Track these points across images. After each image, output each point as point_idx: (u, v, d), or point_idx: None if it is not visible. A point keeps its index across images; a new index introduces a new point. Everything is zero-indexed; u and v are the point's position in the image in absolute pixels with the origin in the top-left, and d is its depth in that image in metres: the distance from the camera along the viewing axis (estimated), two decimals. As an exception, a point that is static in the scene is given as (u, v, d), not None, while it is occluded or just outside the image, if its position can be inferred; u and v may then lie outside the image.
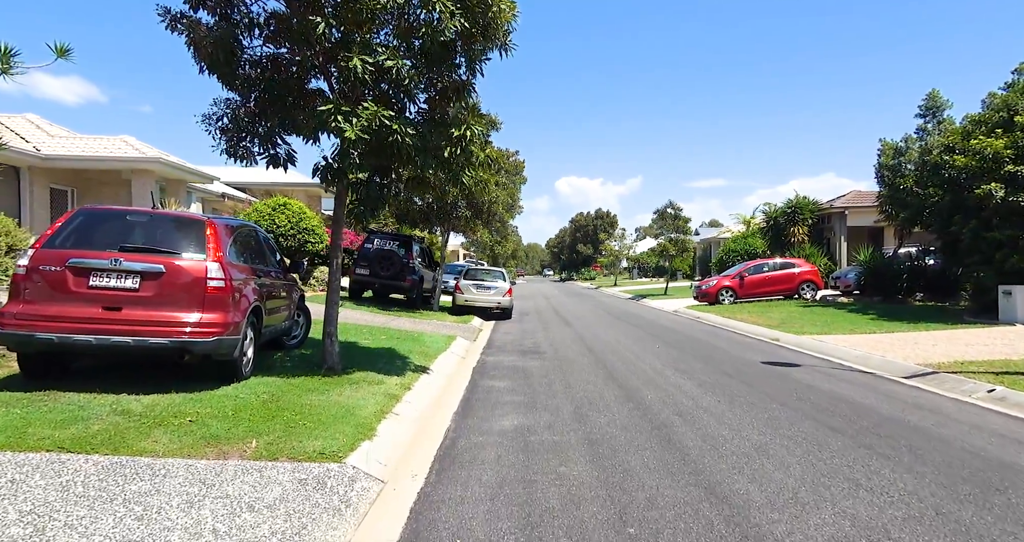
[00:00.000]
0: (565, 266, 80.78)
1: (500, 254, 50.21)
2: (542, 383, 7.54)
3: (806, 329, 12.74)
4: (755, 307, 18.72)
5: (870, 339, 10.99)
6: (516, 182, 37.30)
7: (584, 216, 75.80)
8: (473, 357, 10.03)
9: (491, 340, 12.40)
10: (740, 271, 21.00)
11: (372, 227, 22.74)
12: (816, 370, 8.44)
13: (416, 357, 8.67)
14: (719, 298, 20.73)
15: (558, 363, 9.13)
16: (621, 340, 11.99)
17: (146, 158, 13.73)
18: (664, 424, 5.47)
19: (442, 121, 6.54)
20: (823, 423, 5.48)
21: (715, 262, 31.58)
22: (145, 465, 3.69)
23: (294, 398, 5.41)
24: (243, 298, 5.76)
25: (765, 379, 7.70)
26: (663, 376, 7.92)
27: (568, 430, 5.31)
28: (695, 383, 7.40)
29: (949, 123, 15.36)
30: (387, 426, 5.09)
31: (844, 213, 24.41)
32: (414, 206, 16.52)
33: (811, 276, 20.48)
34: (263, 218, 16.33)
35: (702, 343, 11.54)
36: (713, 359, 9.44)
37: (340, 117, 5.57)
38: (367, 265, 16.39)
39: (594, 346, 11.09)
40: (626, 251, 47.60)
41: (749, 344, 11.49)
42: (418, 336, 11.14)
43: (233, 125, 5.88)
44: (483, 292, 17.05)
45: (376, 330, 11.20)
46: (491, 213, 17.46)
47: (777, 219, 25.39)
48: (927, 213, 14.47)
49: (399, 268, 16.29)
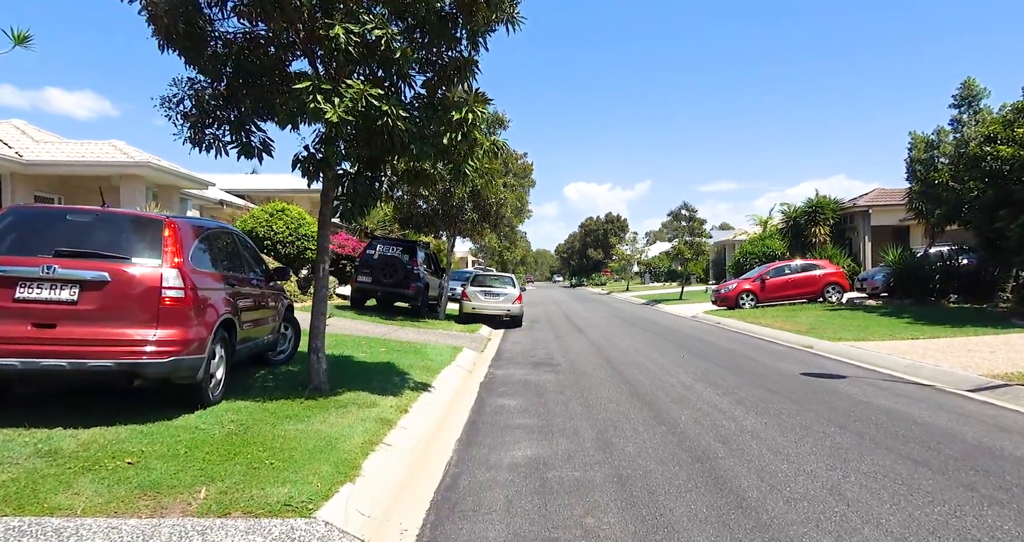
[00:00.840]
0: (575, 272, 79.76)
1: (509, 260, 49.37)
2: (557, 401, 6.67)
3: (840, 335, 11.76)
4: (779, 311, 17.72)
5: (915, 346, 10.01)
6: (525, 185, 36.57)
7: (594, 220, 74.82)
8: (481, 370, 9.18)
9: (500, 351, 11.54)
10: (761, 274, 20.01)
11: (377, 233, 22.01)
12: (865, 383, 7.49)
13: (417, 372, 7.82)
14: (739, 302, 19.75)
15: (574, 377, 8.25)
16: (640, 349, 11.08)
17: (135, 162, 13.06)
18: (706, 454, 4.57)
19: (441, 105, 5.74)
20: (900, 453, 4.55)
21: (731, 265, 30.55)
22: (53, 529, 2.86)
23: (266, 428, 4.57)
24: (209, 310, 4.95)
25: (811, 395, 6.77)
26: (694, 391, 7.01)
27: (592, 463, 4.43)
28: (732, 400, 6.49)
29: (987, 112, 14.37)
30: (376, 461, 4.24)
31: (868, 212, 23.36)
32: (418, 209, 15.74)
33: (836, 278, 19.44)
34: (260, 224, 15.60)
35: (729, 352, 10.61)
36: (746, 370, 8.51)
37: (320, 97, 4.77)
38: (369, 272, 15.60)
39: (612, 356, 10.19)
40: (638, 255, 46.53)
41: (781, 353, 10.53)
42: (421, 348, 10.30)
43: (198, 109, 5.09)
44: (491, 299, 16.21)
45: (375, 342, 10.38)
46: (499, 216, 16.63)
47: (797, 219, 24.37)
48: (966, 208, 13.45)
49: (403, 275, 15.48)
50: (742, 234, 36.19)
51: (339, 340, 10.06)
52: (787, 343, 11.83)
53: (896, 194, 24.34)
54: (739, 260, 28.70)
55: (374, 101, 4.93)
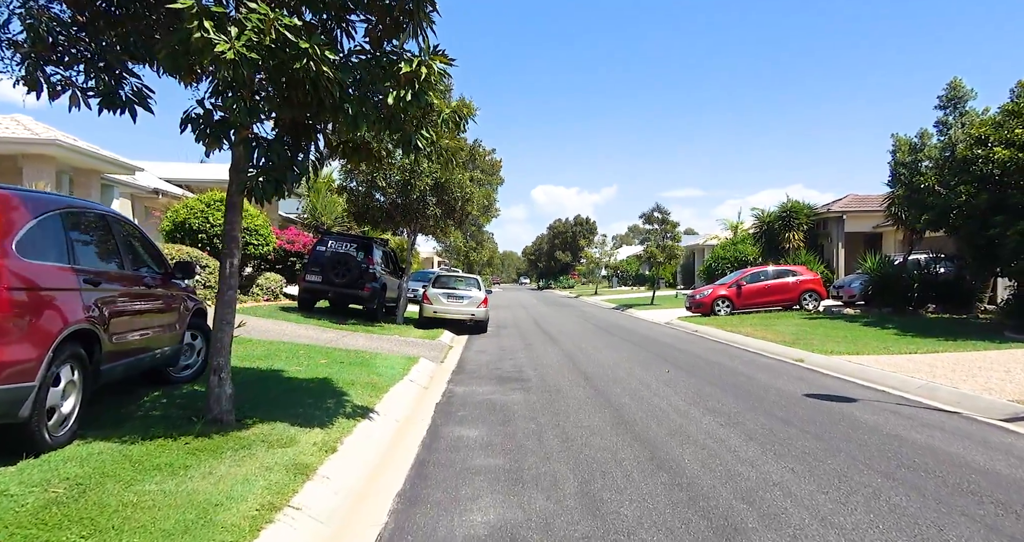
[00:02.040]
0: (542, 274, 78.87)
1: (475, 261, 48.02)
2: (529, 431, 5.43)
3: (829, 347, 10.89)
4: (756, 319, 16.92)
5: (916, 362, 9.16)
6: (493, 183, 35.22)
7: (563, 222, 74.09)
8: (438, 386, 7.87)
9: (463, 361, 10.25)
10: (737, 279, 19.25)
11: (335, 230, 20.38)
12: (881, 408, 6.49)
13: (359, 392, 6.47)
14: (714, 309, 18.93)
15: (547, 397, 7.03)
16: (620, 362, 9.94)
17: (39, 140, 11.26)
18: (731, 523, 3.40)
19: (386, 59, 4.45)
20: (984, 523, 3.47)
21: (702, 270, 29.98)
22: None
23: (115, 489, 3.19)
24: (48, 318, 3.54)
25: (829, 425, 5.71)
26: (691, 420, 5.87)
27: (579, 537, 3.21)
28: (741, 434, 5.36)
29: (974, 115, 13.82)
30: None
31: (842, 218, 22.96)
32: (374, 203, 14.29)
33: (814, 285, 18.83)
34: (194, 216, 13.91)
35: (717, 366, 9.57)
36: (743, 391, 7.44)
37: (210, 25, 3.41)
38: (319, 271, 14.09)
39: (589, 370, 9.02)
40: (608, 258, 45.83)
41: (772, 367, 9.55)
42: (370, 358, 8.93)
43: (33, 38, 3.65)
44: (455, 302, 14.88)
45: (317, 351, 8.95)
46: (465, 213, 15.33)
47: (771, 224, 23.82)
48: (954, 214, 12.81)
49: (357, 275, 14.03)
50: (712, 239, 35.78)
51: (273, 349, 8.61)
52: (775, 355, 10.89)
53: (870, 200, 24.05)
54: (711, 265, 28.12)
55: (289, 35, 3.60)
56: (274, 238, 15.67)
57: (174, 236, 13.94)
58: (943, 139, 14.43)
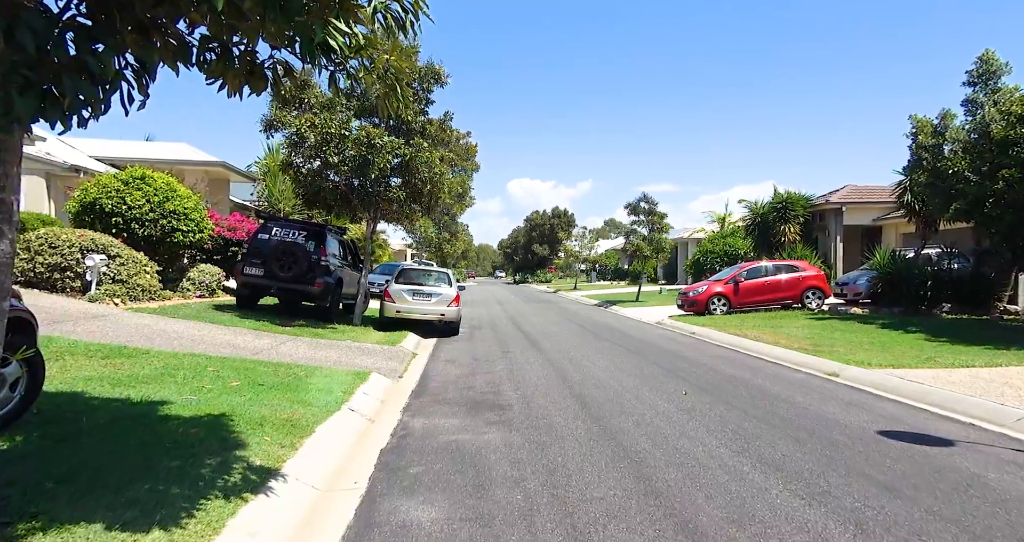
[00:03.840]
0: (519, 268, 76.91)
1: (449, 253, 45.80)
2: (513, 510, 3.52)
3: (860, 356, 9.22)
4: (758, 320, 15.29)
5: (984, 378, 7.51)
6: (468, 169, 33.03)
7: (540, 215, 72.10)
8: (389, 418, 5.91)
9: (427, 375, 8.28)
10: (734, 275, 17.61)
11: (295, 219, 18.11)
12: (999, 459, 4.75)
13: (269, 436, 4.48)
14: (709, 307, 17.27)
15: (536, 438, 5.12)
16: (621, 378, 8.09)
17: None
18: None
19: None
20: None
21: (688, 265, 28.46)
22: None
23: None
24: None
25: (952, 494, 3.92)
26: (750, 485, 4.02)
27: None
28: (832, 513, 3.53)
29: (1009, 91, 12.29)
30: None
31: (841, 210, 21.55)
32: (326, 183, 12.14)
33: (817, 282, 17.30)
34: (107, 195, 11.59)
35: (740, 384, 7.78)
36: (793, 425, 5.64)
37: None
38: (261, 263, 11.94)
39: (585, 391, 7.14)
40: (588, 251, 44.07)
41: (808, 385, 7.81)
42: (305, 376, 6.90)
43: None
44: (422, 300, 12.86)
45: (234, 367, 6.88)
46: (434, 196, 13.29)
47: (765, 216, 22.29)
48: (990, 203, 11.27)
49: (306, 267, 11.92)
50: (698, 232, 34.33)
51: (172, 366, 6.51)
52: (801, 367, 9.17)
53: (871, 191, 22.74)
54: (698, 259, 26.59)
55: None
56: (210, 223, 13.41)
57: (82, 219, 11.61)
58: (971, 119, 12.90)
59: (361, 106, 12.17)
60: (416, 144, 11.96)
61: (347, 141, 11.12)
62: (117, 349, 6.96)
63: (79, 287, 10.07)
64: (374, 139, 11.26)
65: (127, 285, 10.48)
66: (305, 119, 10.86)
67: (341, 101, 11.56)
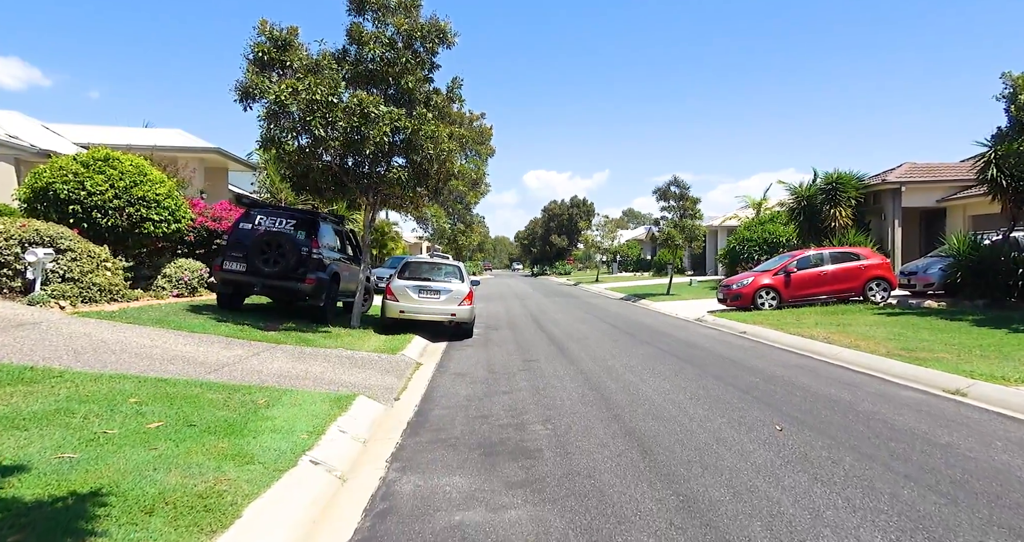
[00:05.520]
0: (537, 259, 74.90)
1: (464, 245, 43.99)
2: None
3: (982, 367, 7.24)
4: (817, 315, 13.27)
5: None
6: (482, 154, 31.14)
7: (558, 204, 69.85)
8: (368, 476, 4.14)
9: (429, 396, 6.50)
10: (784, 265, 15.53)
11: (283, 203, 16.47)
12: None
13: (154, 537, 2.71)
14: (756, 301, 15.24)
15: (583, 516, 3.31)
16: (685, 404, 6.20)
17: None
18: None
19: None
20: None
21: (722, 254, 26.30)
22: None
23: None
24: None
25: None
26: None
27: None
28: None
29: None
30: None
31: (900, 190, 19.25)
32: (316, 163, 10.36)
33: (882, 272, 15.14)
34: (62, 180, 9.96)
35: (849, 411, 5.87)
36: (970, 492, 3.74)
37: None
38: (243, 256, 10.27)
39: (641, 428, 5.27)
40: (610, 240, 41.94)
41: (940, 413, 5.86)
42: (262, 408, 5.15)
43: None
44: (429, 298, 11.07)
45: (168, 394, 5.13)
46: (442, 178, 11.47)
47: (812, 199, 20.07)
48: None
49: (295, 261, 10.23)
50: (731, 218, 32.07)
51: (84, 393, 4.81)
52: (904, 380, 7.20)
53: (932, 169, 20.39)
54: (734, 248, 24.45)
55: None
56: (188, 212, 11.76)
57: (34, 208, 10.02)
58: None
59: (355, 72, 10.36)
60: (419, 115, 10.13)
61: (336, 110, 9.32)
62: (18, 372, 5.29)
63: (19, 287, 8.47)
64: (368, 108, 9.45)
65: (80, 284, 8.87)
66: (286, 85, 9.08)
67: (331, 64, 9.75)
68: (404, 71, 10.31)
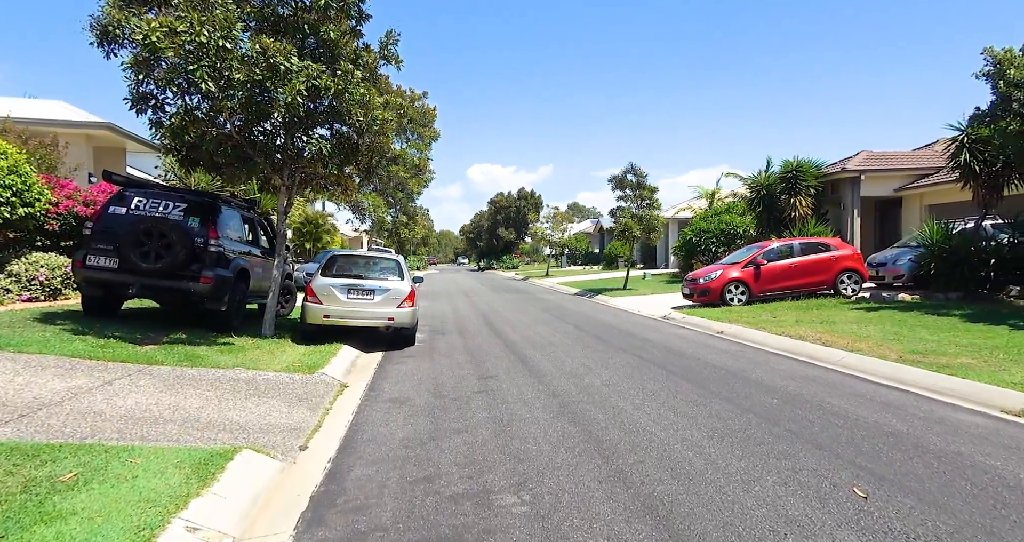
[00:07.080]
0: (483, 253, 72.97)
1: (408, 239, 41.54)
2: None
3: (1017, 375, 6.07)
4: (792, 311, 12.18)
5: None
6: (425, 137, 28.80)
7: (506, 197, 68.11)
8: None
9: (350, 444, 4.61)
10: (753, 257, 14.43)
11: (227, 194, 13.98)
12: None
13: None
14: (725, 297, 14.08)
15: None
16: (704, 445, 4.62)
17: None
18: None
19: None
20: None
21: (678, 245, 25.32)
22: None
23: None
24: None
25: None
26: None
27: None
28: None
29: None
30: None
31: (859, 179, 18.68)
32: (210, 130, 8.12)
33: (854, 263, 14.29)
34: None
35: (930, 454, 4.44)
36: None
37: None
38: (114, 249, 8.01)
39: (659, 493, 3.62)
40: (560, 233, 40.60)
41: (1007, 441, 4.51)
42: (59, 494, 3.10)
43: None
44: (361, 300, 9.08)
45: None
46: (375, 153, 9.50)
47: (771, 189, 19.25)
48: None
49: (184, 255, 8.05)
50: (685, 210, 31.31)
51: None
52: (941, 396, 5.92)
53: (890, 158, 19.97)
54: (690, 240, 23.46)
55: None
56: (44, 192, 9.25)
57: None
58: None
59: (260, 15, 8.23)
60: (345, 72, 8.10)
61: (231, 59, 7.17)
62: None
63: None
64: (275, 59, 7.35)
65: None
66: (160, 22, 6.86)
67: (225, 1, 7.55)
68: (324, 18, 8.26)
